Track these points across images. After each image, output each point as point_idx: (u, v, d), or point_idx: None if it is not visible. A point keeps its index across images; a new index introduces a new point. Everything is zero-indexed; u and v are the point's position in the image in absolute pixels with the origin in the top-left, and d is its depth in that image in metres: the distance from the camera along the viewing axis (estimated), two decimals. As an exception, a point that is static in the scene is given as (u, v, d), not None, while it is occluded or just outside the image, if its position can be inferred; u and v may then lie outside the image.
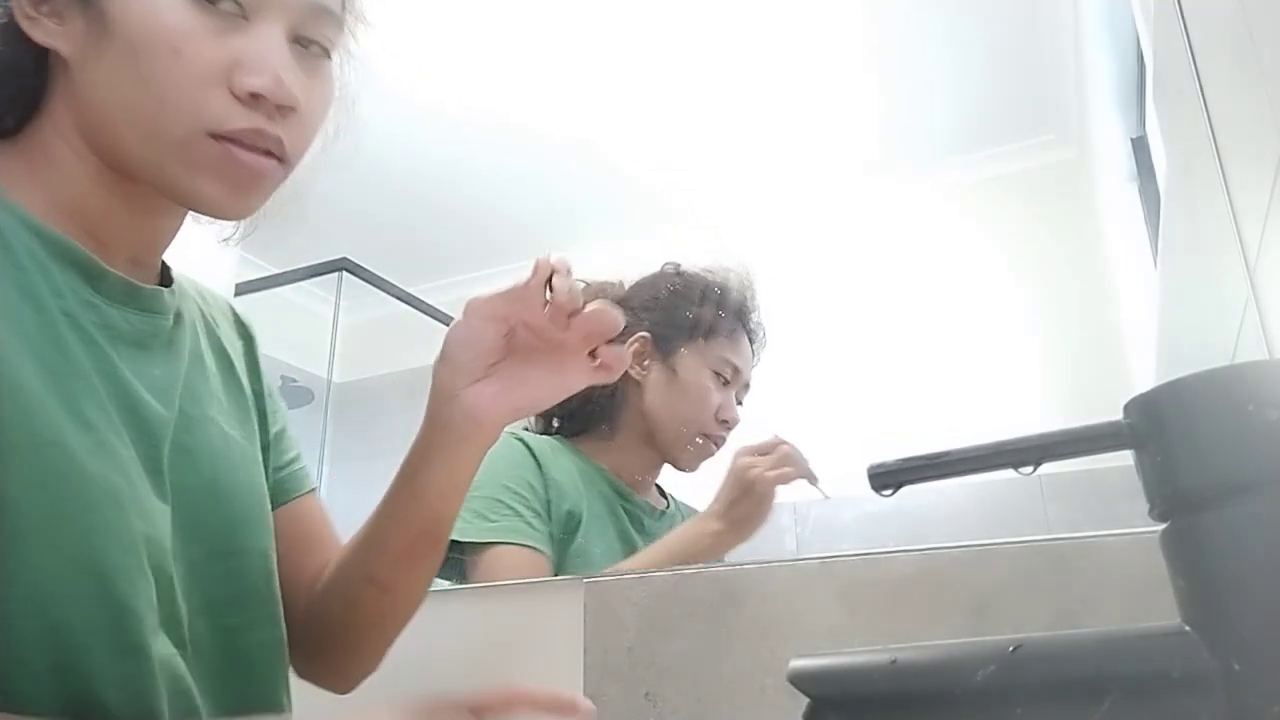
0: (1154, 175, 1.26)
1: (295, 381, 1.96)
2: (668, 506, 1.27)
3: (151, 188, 0.61)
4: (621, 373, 0.67)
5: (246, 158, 0.59)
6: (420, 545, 0.69)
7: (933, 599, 0.77)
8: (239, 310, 0.80)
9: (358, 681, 0.75)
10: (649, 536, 1.19)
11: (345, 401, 1.95)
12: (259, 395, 0.76)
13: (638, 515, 1.20)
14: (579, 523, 1.12)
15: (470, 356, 0.65)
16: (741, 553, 1.10)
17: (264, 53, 0.59)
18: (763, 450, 1.09)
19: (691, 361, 1.24)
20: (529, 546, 1.07)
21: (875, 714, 0.43)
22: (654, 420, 1.22)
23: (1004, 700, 0.39)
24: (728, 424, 1.22)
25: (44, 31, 0.59)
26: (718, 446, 1.21)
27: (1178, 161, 1.07)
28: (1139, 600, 0.67)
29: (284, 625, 0.69)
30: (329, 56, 0.65)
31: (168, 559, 0.58)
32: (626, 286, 1.30)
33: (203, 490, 0.63)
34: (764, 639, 0.81)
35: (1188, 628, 0.38)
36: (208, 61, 0.58)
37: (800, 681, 0.43)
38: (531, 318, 0.64)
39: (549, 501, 1.12)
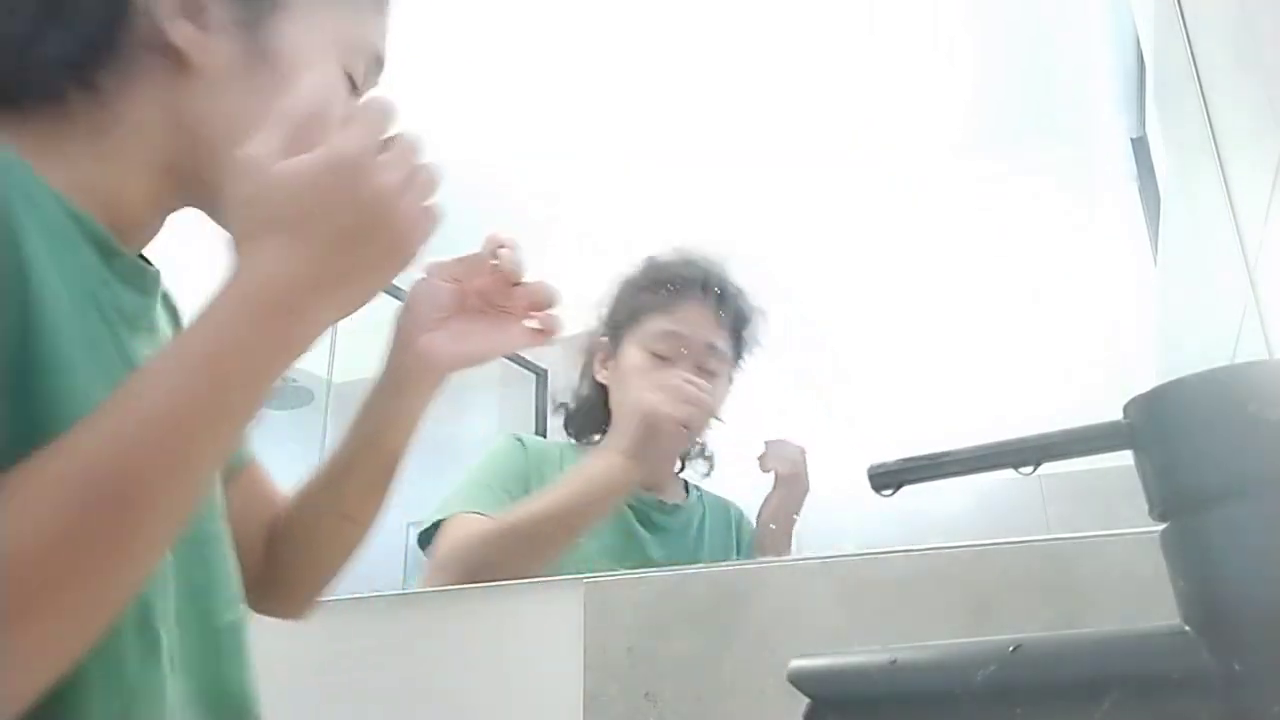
0: (1154, 175, 1.26)
1: (295, 381, 1.95)
2: (686, 499, 1.24)
3: (194, 203, 0.65)
4: (553, 336, 0.74)
5: None
6: (381, 478, 0.76)
7: (933, 599, 0.77)
8: (167, 289, 0.80)
9: (312, 607, 0.81)
10: (661, 531, 1.18)
11: (345, 401, 1.94)
12: None
13: (644, 510, 1.18)
14: None
15: (428, 309, 0.75)
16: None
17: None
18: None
19: (629, 349, 1.18)
20: (474, 512, 1.07)
21: (875, 714, 0.43)
22: (614, 420, 1.16)
23: (1004, 700, 0.39)
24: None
25: (184, 37, 0.61)
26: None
27: (1177, 161, 1.07)
28: (1139, 600, 0.67)
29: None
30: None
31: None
32: None
33: None
34: (764, 639, 0.81)
35: (1188, 628, 0.38)
36: None
37: (800, 681, 0.43)
38: (480, 282, 0.74)
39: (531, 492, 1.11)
